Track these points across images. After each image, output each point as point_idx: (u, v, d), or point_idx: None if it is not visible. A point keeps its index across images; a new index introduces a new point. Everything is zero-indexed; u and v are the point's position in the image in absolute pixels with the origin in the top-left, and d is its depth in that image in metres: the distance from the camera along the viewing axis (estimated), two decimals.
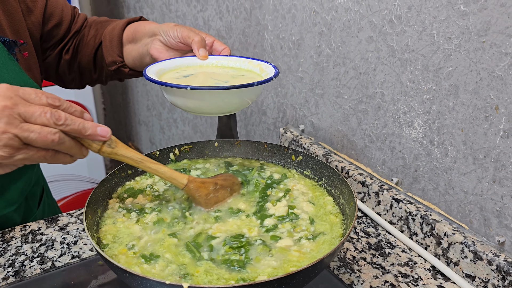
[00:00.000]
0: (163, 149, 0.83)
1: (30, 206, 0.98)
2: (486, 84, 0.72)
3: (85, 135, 0.60)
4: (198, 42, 0.86)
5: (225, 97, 0.72)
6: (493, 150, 0.73)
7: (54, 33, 0.98)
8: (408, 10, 0.82)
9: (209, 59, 0.87)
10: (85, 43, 1.03)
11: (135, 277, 0.53)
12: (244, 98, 0.76)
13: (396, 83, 0.88)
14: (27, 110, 0.56)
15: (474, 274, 0.75)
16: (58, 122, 0.57)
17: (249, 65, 0.87)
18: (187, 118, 2.00)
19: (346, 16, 0.96)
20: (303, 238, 0.66)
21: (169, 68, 0.84)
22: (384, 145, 0.94)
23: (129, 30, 0.98)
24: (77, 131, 0.60)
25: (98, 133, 0.61)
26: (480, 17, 0.71)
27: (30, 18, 0.91)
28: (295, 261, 0.61)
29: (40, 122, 0.57)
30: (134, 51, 0.97)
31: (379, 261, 0.82)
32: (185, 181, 0.71)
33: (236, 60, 0.88)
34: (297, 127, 1.20)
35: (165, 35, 0.89)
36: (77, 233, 0.88)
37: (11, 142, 0.55)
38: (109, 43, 0.99)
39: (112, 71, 1.01)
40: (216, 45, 0.90)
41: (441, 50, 0.78)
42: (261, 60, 0.86)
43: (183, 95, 0.72)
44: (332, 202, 0.74)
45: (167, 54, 0.90)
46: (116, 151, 0.64)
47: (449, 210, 0.83)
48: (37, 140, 0.56)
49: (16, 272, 0.78)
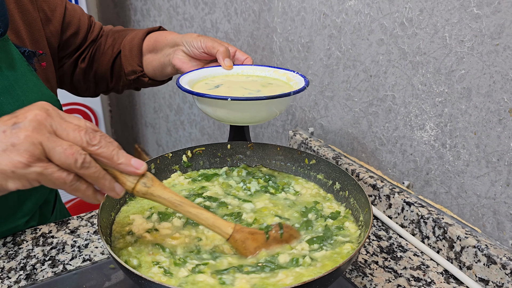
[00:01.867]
0: (175, 151, 0.83)
1: (44, 213, 0.98)
2: (500, 87, 0.71)
3: (117, 163, 0.54)
4: (223, 52, 0.87)
5: (261, 107, 0.74)
6: (507, 153, 0.72)
7: (71, 42, 0.99)
8: (420, 12, 0.81)
9: (234, 68, 0.89)
10: (103, 52, 1.03)
11: (150, 284, 0.52)
12: (278, 108, 0.77)
13: (407, 86, 0.87)
14: (61, 124, 0.52)
15: (488, 278, 0.75)
16: (91, 142, 0.52)
17: (275, 74, 0.89)
18: (195, 120, 2.00)
19: (357, 18, 0.95)
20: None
21: (198, 79, 0.85)
22: (395, 148, 0.93)
23: (149, 40, 0.98)
24: (109, 157, 0.53)
25: (132, 164, 0.55)
26: (494, 20, 0.70)
27: (49, 27, 0.91)
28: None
29: (72, 138, 0.52)
30: (155, 61, 0.97)
31: (391, 264, 0.82)
32: (230, 231, 0.62)
33: (262, 69, 0.90)
34: (306, 129, 1.20)
35: (188, 46, 0.90)
36: (87, 236, 0.88)
37: (33, 149, 0.50)
38: (128, 52, 0.99)
39: (131, 81, 1.02)
40: (238, 55, 0.91)
41: (454, 53, 0.77)
42: (287, 69, 0.88)
43: (220, 105, 0.74)
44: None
45: (190, 65, 0.91)
46: (151, 191, 0.57)
47: (461, 213, 0.82)
48: (61, 155, 0.50)
49: (28, 275, 0.78)
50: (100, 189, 0.55)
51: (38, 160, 0.50)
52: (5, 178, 0.51)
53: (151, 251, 0.63)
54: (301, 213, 0.73)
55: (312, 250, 0.65)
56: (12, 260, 0.82)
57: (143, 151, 2.83)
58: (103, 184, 0.54)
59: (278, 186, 0.80)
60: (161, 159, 0.81)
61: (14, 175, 0.50)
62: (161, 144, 2.51)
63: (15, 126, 0.50)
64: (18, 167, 0.50)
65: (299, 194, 0.79)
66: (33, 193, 0.89)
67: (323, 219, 0.72)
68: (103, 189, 0.55)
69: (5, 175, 0.50)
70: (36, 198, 0.91)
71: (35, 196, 0.90)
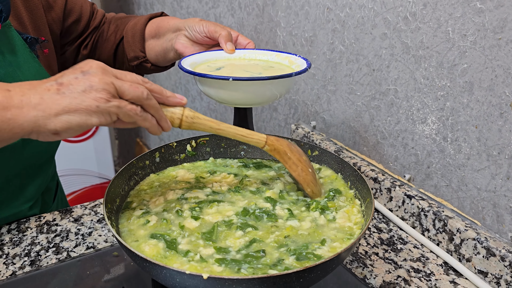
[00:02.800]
0: (180, 140, 0.84)
1: (46, 201, 0.99)
2: (502, 81, 0.72)
3: (167, 96, 0.64)
4: (226, 36, 0.87)
5: (262, 88, 0.75)
6: (508, 147, 0.73)
7: (73, 29, 0.99)
8: (423, 7, 0.82)
9: (236, 52, 0.89)
10: (105, 39, 1.03)
11: (155, 266, 0.53)
12: (280, 89, 0.78)
13: (409, 80, 0.88)
14: (117, 71, 0.60)
15: (487, 270, 0.76)
16: (145, 82, 0.62)
17: (277, 58, 0.88)
18: None
19: (360, 13, 0.96)
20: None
21: (200, 61, 0.86)
22: (397, 142, 0.94)
23: (151, 25, 0.99)
24: (160, 91, 0.63)
25: (177, 96, 0.65)
26: (496, 14, 0.71)
27: (51, 14, 0.91)
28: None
29: (130, 79, 0.60)
30: (158, 46, 0.97)
31: (391, 256, 0.83)
32: (264, 135, 0.73)
33: (264, 53, 0.89)
34: (308, 123, 1.20)
35: (190, 30, 0.90)
36: (91, 224, 0.89)
37: (108, 87, 0.57)
38: (131, 38, 0.99)
39: (134, 67, 1.02)
40: (240, 40, 0.92)
41: (456, 47, 0.78)
42: (289, 53, 0.87)
43: (222, 86, 0.75)
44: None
45: (192, 49, 0.91)
46: (197, 115, 0.66)
47: (461, 206, 0.83)
48: (130, 90, 0.58)
49: (32, 261, 0.79)
50: (157, 119, 0.63)
51: (114, 96, 0.58)
52: (90, 114, 0.57)
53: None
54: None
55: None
56: (17, 246, 0.83)
57: (144, 145, 2.84)
58: (161, 115, 0.63)
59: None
60: (166, 148, 0.82)
61: (99, 109, 0.57)
62: (162, 137, 2.52)
63: (85, 73, 0.57)
64: (101, 102, 0.56)
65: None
66: (35, 179, 0.90)
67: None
68: (160, 119, 0.63)
69: (91, 110, 0.56)
70: (39, 183, 0.92)
71: (37, 181, 0.91)
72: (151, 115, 0.62)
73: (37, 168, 0.90)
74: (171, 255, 0.61)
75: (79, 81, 0.57)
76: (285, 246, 0.63)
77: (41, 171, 0.92)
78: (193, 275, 0.51)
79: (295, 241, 0.65)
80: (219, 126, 0.68)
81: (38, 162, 0.90)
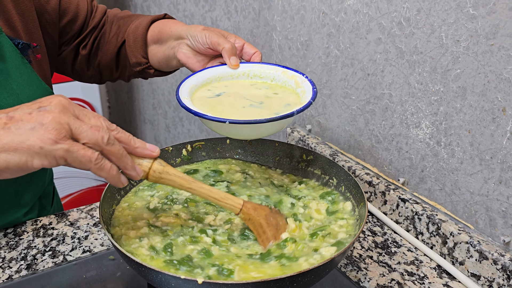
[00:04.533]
0: (175, 145, 0.84)
1: (44, 205, 0.99)
2: (494, 86, 0.73)
3: (135, 146, 0.58)
4: (229, 50, 0.82)
5: (260, 128, 0.70)
6: (500, 151, 0.74)
7: (68, 29, 0.96)
8: (417, 12, 0.83)
9: (240, 67, 0.84)
10: (107, 41, 0.99)
11: (150, 271, 0.54)
12: (278, 127, 0.72)
13: (404, 85, 0.89)
14: (82, 110, 0.55)
15: (480, 273, 0.77)
16: (110, 128, 0.56)
17: (283, 76, 0.82)
18: (193, 117, 2.01)
19: (355, 17, 0.97)
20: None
21: (201, 83, 0.81)
22: (391, 146, 0.95)
23: (153, 30, 0.95)
24: (127, 141, 0.57)
25: (147, 147, 0.59)
26: (489, 21, 0.72)
27: (44, 16, 0.89)
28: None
29: (93, 122, 0.55)
30: (160, 53, 0.94)
31: (385, 259, 0.83)
32: (241, 202, 0.66)
33: (270, 69, 0.84)
34: (304, 127, 1.21)
35: (193, 40, 0.86)
36: (87, 228, 0.89)
37: (60, 127, 0.52)
38: (133, 43, 0.96)
39: (137, 72, 0.99)
40: (246, 49, 0.86)
41: (450, 53, 0.79)
42: (295, 71, 0.82)
43: (219, 126, 0.70)
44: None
45: (195, 59, 0.88)
46: (167, 169, 0.60)
47: (455, 210, 0.84)
48: (88, 132, 0.53)
49: (29, 265, 0.79)
50: (122, 168, 0.57)
51: (65, 138, 0.52)
52: (32, 155, 0.51)
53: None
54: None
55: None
56: (13, 250, 0.83)
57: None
58: (126, 163, 0.56)
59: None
60: (162, 153, 0.83)
61: (42, 151, 0.51)
62: (159, 140, 2.52)
63: (41, 109, 0.53)
64: (47, 143, 0.51)
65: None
66: (30, 186, 0.90)
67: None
68: (125, 168, 0.57)
69: (33, 151, 0.51)
70: (34, 190, 0.91)
71: (32, 188, 0.91)
72: (111, 164, 0.55)
73: (31, 175, 0.89)
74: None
75: (31, 117, 0.52)
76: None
77: (35, 178, 0.91)
78: (188, 280, 0.52)
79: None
80: (190, 185, 0.63)
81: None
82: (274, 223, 0.68)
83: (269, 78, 0.83)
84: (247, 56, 0.86)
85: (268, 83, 0.83)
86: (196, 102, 0.75)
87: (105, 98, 3.01)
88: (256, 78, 0.84)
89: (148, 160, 0.59)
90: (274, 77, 0.83)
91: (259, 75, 0.84)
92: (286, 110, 0.71)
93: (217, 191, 0.65)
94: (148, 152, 0.59)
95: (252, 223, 0.67)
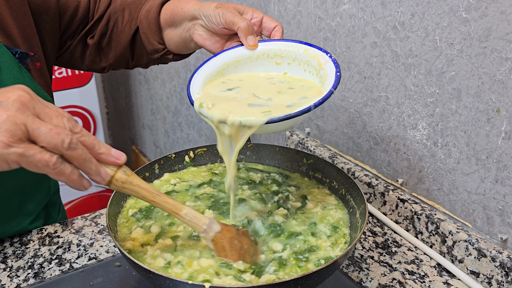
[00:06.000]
0: (178, 152, 0.86)
1: (51, 214, 1.00)
2: (488, 87, 0.75)
3: (98, 152, 0.53)
4: (245, 29, 0.75)
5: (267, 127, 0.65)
6: (495, 151, 0.76)
7: (70, 23, 0.92)
8: (411, 16, 0.85)
9: (259, 46, 0.77)
10: (120, 30, 0.94)
11: (158, 277, 0.55)
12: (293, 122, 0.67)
13: (400, 87, 0.91)
14: (43, 108, 0.51)
15: (479, 270, 0.78)
16: (74, 130, 0.51)
17: (306, 54, 0.74)
18: (192, 121, 2.02)
19: (351, 22, 0.98)
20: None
21: (215, 70, 0.76)
22: (389, 147, 0.97)
23: (165, 13, 0.88)
24: (91, 146, 0.53)
25: (112, 154, 0.55)
26: (481, 24, 0.74)
27: (43, 17, 0.85)
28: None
29: (55, 123, 0.50)
30: (176, 36, 0.88)
31: (386, 259, 0.85)
32: (206, 221, 0.63)
33: (291, 47, 0.76)
34: (303, 130, 1.23)
35: (207, 20, 0.80)
36: (92, 235, 0.91)
37: (15, 129, 0.47)
38: (147, 29, 0.90)
39: (156, 59, 0.94)
40: (266, 23, 0.79)
41: (444, 55, 0.80)
42: (319, 49, 0.74)
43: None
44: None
45: (212, 40, 0.82)
46: (131, 179, 0.57)
47: (453, 209, 0.86)
48: (47, 135, 0.48)
49: (36, 274, 0.81)
50: (85, 173, 0.53)
51: (19, 141, 0.48)
52: None
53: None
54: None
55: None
56: (20, 259, 0.84)
57: (140, 152, 2.85)
58: (89, 168, 0.52)
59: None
60: (165, 160, 0.84)
61: None
62: (158, 145, 2.54)
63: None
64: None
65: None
66: (34, 195, 0.90)
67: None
68: (88, 173, 0.53)
69: None
70: (38, 200, 0.92)
71: (36, 198, 0.91)
72: (72, 169, 0.51)
73: (34, 185, 0.90)
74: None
75: None
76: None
77: (39, 187, 0.91)
78: (196, 285, 0.53)
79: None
80: (153, 198, 0.59)
81: (34, 180, 0.89)
82: (238, 246, 0.64)
83: (291, 57, 0.76)
84: (267, 32, 0.79)
85: (286, 76, 0.78)
86: (206, 98, 0.70)
87: (104, 105, 3.02)
88: (277, 58, 0.77)
89: (112, 168, 0.55)
90: (296, 56, 0.76)
91: (280, 55, 0.77)
92: (300, 103, 0.66)
93: (181, 206, 0.61)
94: (113, 159, 0.55)
95: (215, 244, 0.63)
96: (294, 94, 0.71)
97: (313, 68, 0.74)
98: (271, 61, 0.78)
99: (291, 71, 0.78)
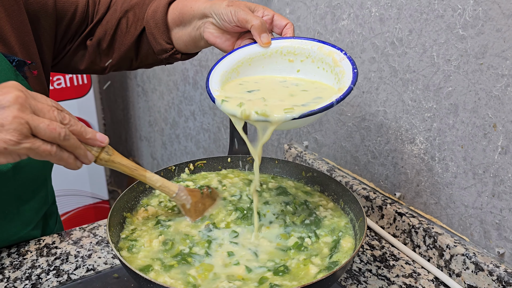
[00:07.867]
0: (178, 164, 0.86)
1: (49, 224, 1.00)
2: (484, 103, 0.76)
3: (86, 137, 0.64)
4: (258, 27, 0.76)
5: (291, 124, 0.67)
6: (492, 166, 0.77)
7: (69, 28, 0.92)
8: (409, 33, 0.86)
9: (272, 44, 0.77)
10: (126, 31, 0.93)
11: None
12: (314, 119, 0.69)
13: (398, 102, 0.92)
14: (37, 105, 0.59)
15: (476, 284, 0.79)
16: (63, 121, 0.61)
17: (320, 52, 0.75)
18: (190, 134, 2.03)
19: (349, 37, 1.00)
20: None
21: (231, 67, 0.77)
22: (387, 161, 0.98)
23: (173, 12, 0.89)
24: (79, 133, 0.63)
25: (97, 138, 0.65)
26: (478, 41, 0.75)
27: (40, 23, 0.86)
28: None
29: (48, 117, 0.59)
30: (185, 35, 0.88)
31: (384, 272, 0.85)
32: (175, 189, 0.76)
33: (304, 45, 0.76)
34: (301, 143, 1.24)
35: (218, 18, 0.80)
36: (90, 246, 0.91)
37: (21, 128, 0.56)
38: (154, 30, 0.90)
39: (163, 59, 0.94)
40: (277, 21, 0.79)
41: (441, 71, 0.82)
42: (333, 46, 0.74)
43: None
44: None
45: (224, 38, 0.83)
46: (113, 158, 0.69)
47: (450, 223, 0.86)
48: (46, 130, 0.58)
49: (33, 285, 0.80)
50: (76, 156, 0.64)
51: (26, 137, 0.57)
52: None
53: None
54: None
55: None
56: (17, 270, 0.84)
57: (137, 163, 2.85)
58: (79, 153, 0.63)
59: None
60: (165, 171, 0.85)
61: (6, 151, 0.57)
62: (155, 157, 2.54)
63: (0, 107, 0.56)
64: (10, 144, 0.56)
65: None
66: (31, 202, 0.90)
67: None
68: (79, 156, 0.64)
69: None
70: (35, 207, 0.92)
71: (34, 205, 0.91)
72: (68, 154, 0.62)
73: (32, 192, 0.90)
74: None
75: None
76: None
77: (36, 194, 0.92)
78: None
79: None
80: (132, 172, 0.72)
81: (31, 187, 0.89)
82: (201, 208, 0.79)
83: (304, 55, 0.77)
84: (278, 29, 0.80)
85: (300, 79, 0.78)
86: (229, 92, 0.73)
87: (101, 116, 3.03)
88: (290, 55, 0.77)
89: (96, 149, 0.66)
90: (309, 54, 0.76)
91: (293, 52, 0.77)
92: (315, 102, 0.67)
93: (156, 178, 0.75)
94: (98, 142, 0.65)
95: (183, 207, 0.78)
96: (307, 95, 0.71)
97: (327, 66, 0.74)
98: (284, 58, 0.78)
99: (304, 69, 0.78)
